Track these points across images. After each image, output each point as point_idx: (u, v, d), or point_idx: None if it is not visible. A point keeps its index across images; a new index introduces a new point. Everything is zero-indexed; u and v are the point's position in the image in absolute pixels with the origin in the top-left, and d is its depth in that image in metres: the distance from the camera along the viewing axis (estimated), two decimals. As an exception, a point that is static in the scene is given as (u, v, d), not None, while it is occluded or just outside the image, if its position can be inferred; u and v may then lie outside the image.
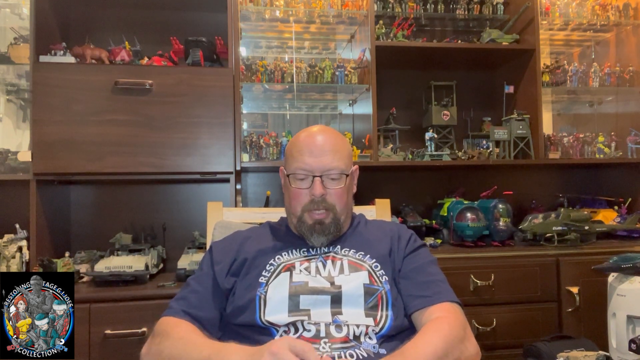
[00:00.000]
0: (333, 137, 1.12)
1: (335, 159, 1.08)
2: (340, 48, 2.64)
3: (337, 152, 1.10)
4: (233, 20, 2.09)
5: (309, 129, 1.16)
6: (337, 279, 1.02)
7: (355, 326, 0.95)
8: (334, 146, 1.10)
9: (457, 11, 2.53)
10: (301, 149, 1.10)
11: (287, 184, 1.12)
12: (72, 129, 1.88)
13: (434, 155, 2.36)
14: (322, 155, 1.08)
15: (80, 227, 2.24)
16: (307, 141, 1.11)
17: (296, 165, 1.09)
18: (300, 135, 1.14)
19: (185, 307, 1.02)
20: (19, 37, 2.06)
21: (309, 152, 1.08)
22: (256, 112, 2.65)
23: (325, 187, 1.08)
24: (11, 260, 1.87)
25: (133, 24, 2.32)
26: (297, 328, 0.95)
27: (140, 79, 1.92)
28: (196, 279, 1.09)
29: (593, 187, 2.69)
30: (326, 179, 1.08)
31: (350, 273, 1.04)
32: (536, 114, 2.37)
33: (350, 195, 1.15)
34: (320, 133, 1.12)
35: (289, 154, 1.15)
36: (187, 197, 2.34)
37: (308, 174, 1.08)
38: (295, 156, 1.10)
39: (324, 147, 1.09)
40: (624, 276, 1.46)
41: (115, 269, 1.81)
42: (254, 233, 1.19)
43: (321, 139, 1.10)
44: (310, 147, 1.09)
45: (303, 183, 1.09)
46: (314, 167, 1.07)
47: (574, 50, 2.85)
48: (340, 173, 1.09)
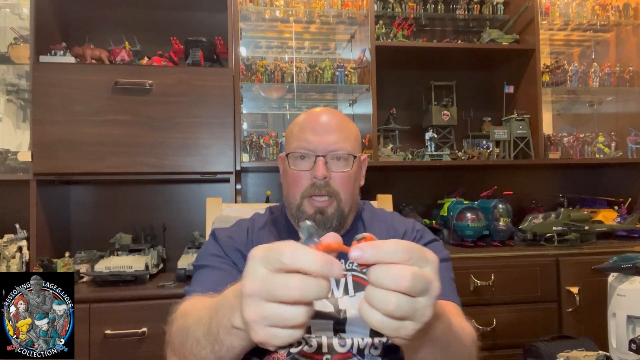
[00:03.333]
0: (339, 117, 1.00)
1: (342, 138, 0.96)
2: (340, 48, 2.63)
3: (343, 131, 0.97)
4: (233, 20, 2.09)
5: (312, 109, 1.03)
6: (341, 301, 0.91)
7: (360, 339, 0.89)
8: (339, 125, 0.98)
9: (457, 11, 2.53)
10: (303, 126, 0.98)
11: (286, 167, 0.99)
12: (72, 129, 1.88)
13: (434, 155, 2.35)
14: (327, 134, 0.95)
15: (80, 227, 2.24)
16: (310, 118, 0.99)
17: (297, 144, 0.96)
18: (302, 115, 1.02)
19: (200, 288, 0.84)
20: (19, 37, 2.06)
21: (311, 130, 0.96)
22: (256, 112, 2.65)
23: (330, 169, 0.95)
24: (11, 260, 1.87)
25: (133, 24, 2.32)
26: (299, 341, 0.88)
27: (140, 79, 1.92)
28: (208, 262, 0.93)
29: (593, 187, 2.69)
30: (331, 160, 0.95)
31: (355, 293, 0.92)
32: (536, 114, 2.37)
33: (357, 185, 1.02)
34: (325, 112, 1.00)
35: (288, 134, 1.02)
36: (187, 197, 2.34)
37: (309, 153, 0.95)
38: (296, 134, 0.98)
39: (329, 125, 0.96)
40: (624, 276, 1.46)
41: (115, 269, 1.81)
42: (254, 234, 1.03)
43: (326, 117, 0.98)
44: (313, 124, 0.97)
45: (304, 163, 0.96)
46: (317, 146, 0.94)
47: (574, 50, 2.84)
48: (347, 154, 0.96)
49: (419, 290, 0.45)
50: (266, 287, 0.44)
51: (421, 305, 0.46)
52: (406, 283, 0.44)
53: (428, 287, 0.46)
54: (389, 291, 0.44)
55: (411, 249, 0.46)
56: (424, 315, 0.47)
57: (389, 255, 0.45)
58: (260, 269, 0.45)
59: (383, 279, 0.45)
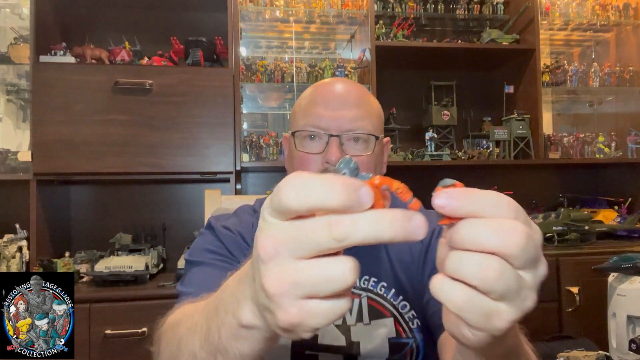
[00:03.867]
0: (358, 89, 0.83)
1: (360, 115, 0.79)
2: (340, 48, 2.63)
3: (363, 106, 0.80)
4: (233, 20, 2.09)
5: (327, 80, 0.86)
6: (354, 330, 0.76)
7: None
8: (358, 99, 0.81)
9: (457, 11, 2.53)
10: (314, 99, 0.81)
11: (292, 148, 0.82)
12: (72, 129, 1.88)
13: (434, 155, 2.35)
14: (342, 108, 0.78)
15: (80, 227, 2.24)
16: (323, 90, 0.82)
17: (305, 121, 0.80)
18: (315, 85, 0.85)
19: (195, 292, 0.68)
20: (19, 37, 2.06)
21: (324, 104, 0.79)
22: (256, 112, 2.65)
23: (345, 152, 0.78)
24: (11, 260, 1.87)
25: (133, 24, 2.32)
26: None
27: (140, 79, 1.92)
28: (203, 258, 0.78)
29: (593, 187, 2.69)
30: (347, 141, 0.78)
31: (370, 321, 0.77)
32: (536, 114, 2.37)
33: (377, 173, 0.83)
34: (341, 81, 0.83)
35: (296, 109, 0.85)
36: (187, 197, 2.34)
37: (321, 132, 0.78)
38: (305, 109, 0.81)
39: (346, 99, 0.80)
40: (624, 276, 1.45)
41: (115, 269, 1.81)
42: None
43: (342, 89, 0.81)
44: (326, 97, 0.80)
45: (313, 145, 0.79)
46: (330, 123, 0.78)
47: (574, 50, 2.84)
48: (368, 134, 0.79)
49: (528, 260, 0.32)
50: (294, 235, 0.31)
51: (527, 283, 0.33)
52: (518, 242, 0.31)
53: (538, 258, 0.33)
54: (488, 255, 0.31)
55: (517, 207, 0.33)
56: (527, 299, 0.33)
57: (491, 208, 0.32)
58: (274, 220, 0.32)
59: (484, 235, 0.31)
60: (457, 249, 0.32)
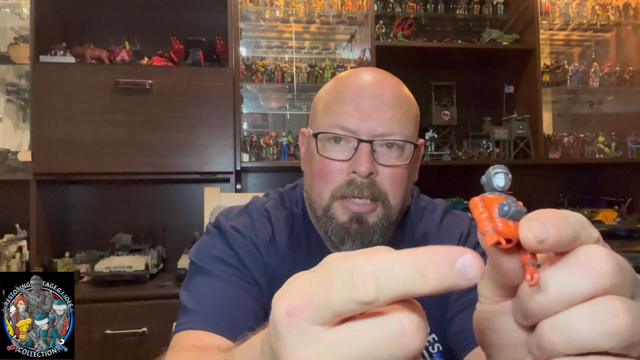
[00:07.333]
0: (394, 82, 0.70)
1: (398, 116, 0.66)
2: (340, 48, 2.63)
3: (400, 105, 0.67)
4: (233, 20, 2.09)
5: (355, 70, 0.73)
6: None
7: None
8: (395, 96, 0.67)
9: (457, 11, 2.53)
10: (342, 95, 0.67)
11: (313, 151, 0.69)
12: (72, 129, 1.88)
13: (434, 155, 2.35)
14: (378, 110, 0.65)
15: (80, 227, 2.24)
16: (355, 84, 0.68)
17: (331, 120, 0.67)
18: (343, 76, 0.71)
19: (201, 311, 0.62)
20: (19, 37, 2.06)
21: (354, 102, 0.66)
22: (256, 112, 2.65)
23: (377, 161, 0.66)
24: (11, 260, 1.87)
25: (133, 24, 2.32)
26: None
27: (140, 78, 1.92)
28: (212, 267, 0.68)
29: (593, 187, 2.69)
30: (380, 148, 0.66)
31: None
32: (536, 114, 2.37)
33: (410, 183, 0.74)
34: (373, 73, 0.70)
35: (319, 103, 0.71)
36: (187, 197, 2.34)
37: (349, 136, 0.65)
38: (331, 105, 0.68)
39: (381, 95, 0.66)
40: (624, 276, 1.45)
41: (115, 269, 1.81)
42: (283, 246, 0.73)
43: (378, 85, 0.67)
44: (357, 94, 0.66)
45: (339, 150, 0.67)
46: (361, 126, 0.65)
47: (574, 50, 2.84)
48: (404, 141, 0.67)
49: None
50: (319, 294, 0.22)
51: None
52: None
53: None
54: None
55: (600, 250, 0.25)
56: None
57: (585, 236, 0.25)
58: (318, 332, 0.22)
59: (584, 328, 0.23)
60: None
